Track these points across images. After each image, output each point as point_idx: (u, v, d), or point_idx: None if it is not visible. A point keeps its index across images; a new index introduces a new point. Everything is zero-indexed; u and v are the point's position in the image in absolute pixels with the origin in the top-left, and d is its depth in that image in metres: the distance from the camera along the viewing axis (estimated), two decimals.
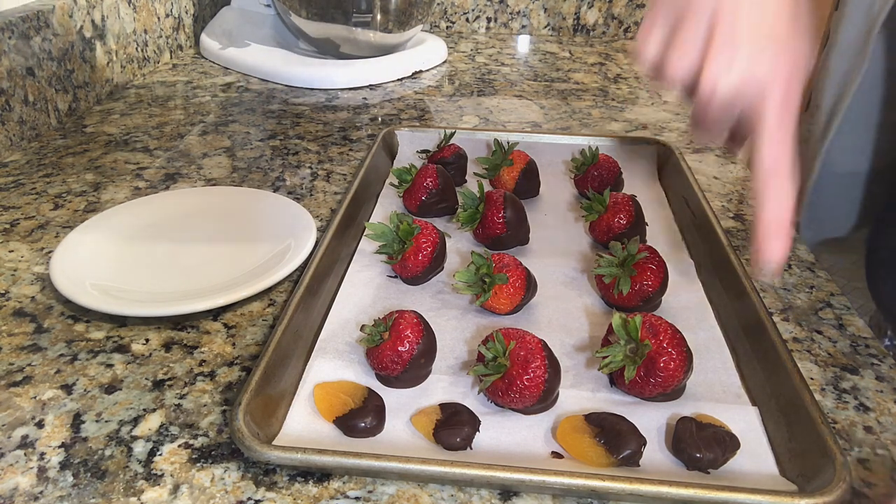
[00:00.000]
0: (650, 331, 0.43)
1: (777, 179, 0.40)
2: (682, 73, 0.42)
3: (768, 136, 0.41)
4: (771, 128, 0.41)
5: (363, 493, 0.38)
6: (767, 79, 0.40)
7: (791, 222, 0.41)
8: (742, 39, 0.40)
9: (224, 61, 1.09)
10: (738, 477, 0.39)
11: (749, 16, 0.41)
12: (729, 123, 0.45)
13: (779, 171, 0.40)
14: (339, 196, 0.70)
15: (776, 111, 0.40)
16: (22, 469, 0.39)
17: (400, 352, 0.43)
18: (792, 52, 0.41)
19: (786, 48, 0.41)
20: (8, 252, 0.59)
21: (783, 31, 0.41)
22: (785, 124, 0.41)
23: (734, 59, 0.40)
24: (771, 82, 0.40)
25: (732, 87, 0.41)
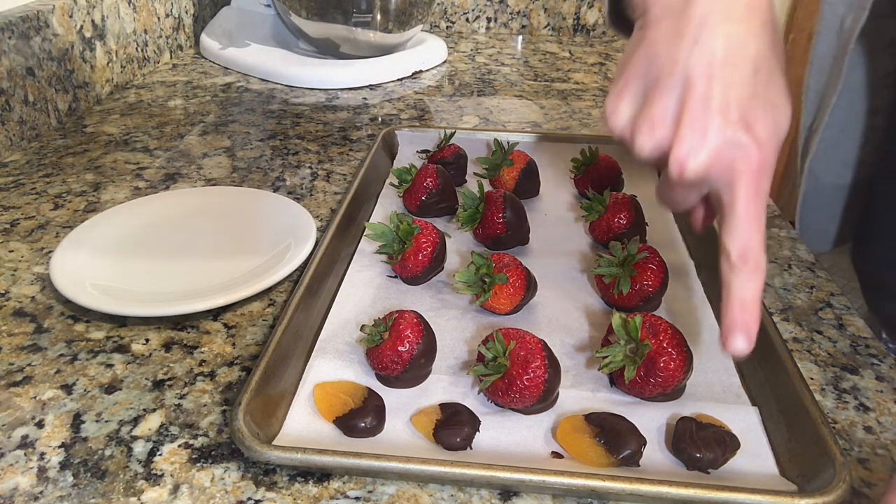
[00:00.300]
0: (650, 331, 0.43)
1: (746, 265, 0.38)
2: (650, 150, 0.39)
3: (738, 218, 0.38)
4: (741, 209, 0.38)
5: (363, 493, 0.38)
6: (740, 155, 0.37)
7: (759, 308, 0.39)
8: (715, 110, 0.37)
9: (224, 61, 1.09)
10: (738, 477, 0.39)
11: (723, 81, 0.38)
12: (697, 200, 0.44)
13: (747, 256, 0.38)
14: (339, 196, 0.70)
15: (748, 191, 0.38)
16: (22, 469, 0.39)
17: (400, 352, 0.43)
18: (770, 114, 0.38)
19: (764, 111, 0.38)
20: (8, 252, 0.59)
21: (761, 91, 0.38)
22: (757, 202, 0.38)
23: (705, 135, 0.37)
24: (744, 158, 0.37)
25: (702, 168, 0.38)
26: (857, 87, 0.65)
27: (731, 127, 0.37)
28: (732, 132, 0.37)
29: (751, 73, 0.38)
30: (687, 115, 0.38)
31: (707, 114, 0.37)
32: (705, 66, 0.38)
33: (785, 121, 0.39)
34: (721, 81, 0.37)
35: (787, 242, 0.64)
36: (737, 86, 0.38)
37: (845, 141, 0.68)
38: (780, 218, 0.68)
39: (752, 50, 0.38)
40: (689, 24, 0.38)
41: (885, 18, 0.61)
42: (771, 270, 0.59)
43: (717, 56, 0.37)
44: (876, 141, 0.68)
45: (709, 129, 0.37)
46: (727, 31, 0.38)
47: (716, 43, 0.38)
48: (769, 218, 0.68)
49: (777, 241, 0.64)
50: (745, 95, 0.38)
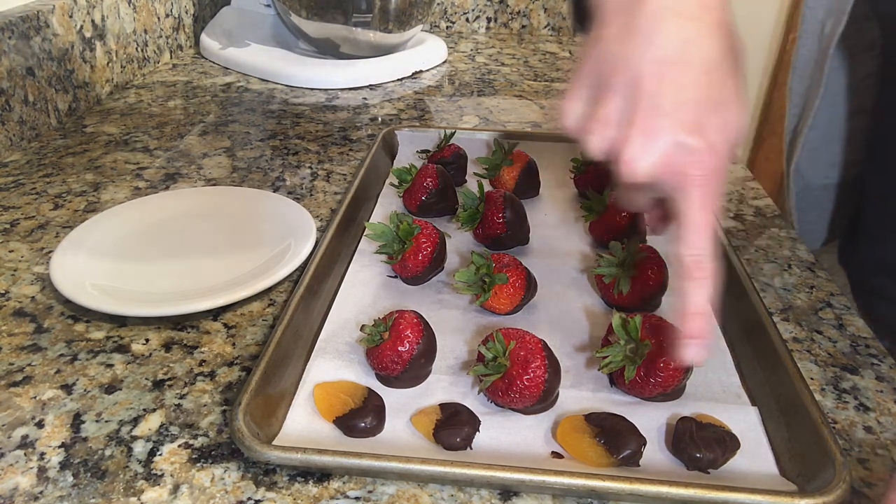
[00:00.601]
0: (650, 331, 0.43)
1: (699, 273, 0.37)
2: (601, 150, 0.39)
3: (690, 226, 0.37)
4: (692, 217, 0.37)
5: (363, 493, 0.38)
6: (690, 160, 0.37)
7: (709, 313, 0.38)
8: (665, 111, 0.36)
9: (224, 61, 1.09)
10: (738, 477, 0.39)
11: (674, 81, 0.36)
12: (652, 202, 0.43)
13: (700, 264, 0.37)
14: (339, 196, 0.70)
15: (698, 197, 0.37)
16: (22, 469, 0.39)
17: (400, 352, 0.43)
18: (722, 116, 0.37)
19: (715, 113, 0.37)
20: (8, 252, 0.59)
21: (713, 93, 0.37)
22: (707, 209, 0.37)
23: (654, 138, 0.36)
24: (694, 163, 0.36)
25: (650, 171, 0.37)
26: (840, 89, 0.65)
27: (681, 130, 0.36)
28: (682, 135, 0.36)
29: (702, 74, 0.37)
30: (636, 117, 0.37)
31: (656, 115, 0.36)
32: (656, 65, 0.36)
33: (736, 124, 0.38)
34: (671, 82, 0.36)
35: (787, 242, 0.64)
36: (688, 87, 0.36)
37: (830, 142, 0.68)
38: (780, 218, 0.68)
39: (704, 50, 0.37)
40: (640, 22, 0.37)
41: (866, 21, 0.62)
42: (771, 270, 0.59)
43: (668, 55, 0.36)
44: (860, 141, 0.68)
45: (658, 131, 0.36)
46: (679, 30, 0.36)
47: (667, 42, 0.36)
48: (769, 218, 0.68)
49: (777, 241, 0.64)
50: (697, 97, 0.37)
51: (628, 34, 0.37)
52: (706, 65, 0.37)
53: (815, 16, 0.63)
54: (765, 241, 0.64)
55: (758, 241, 0.64)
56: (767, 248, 0.63)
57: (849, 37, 0.62)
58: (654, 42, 0.37)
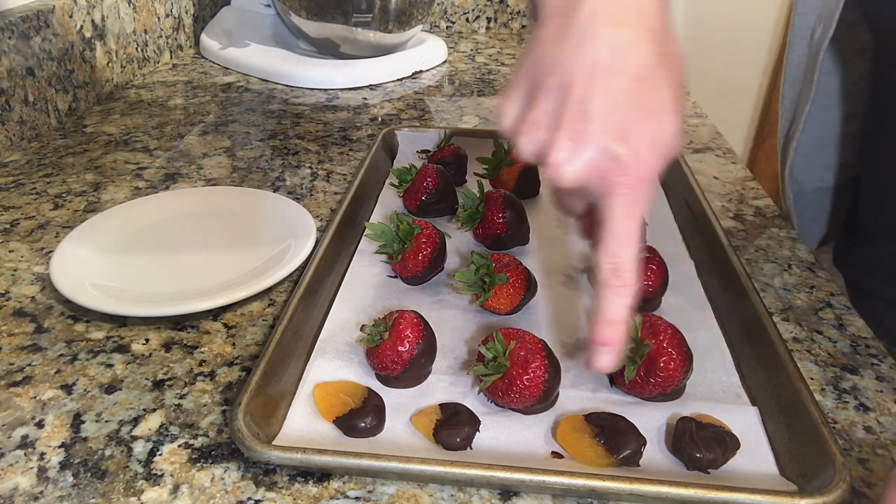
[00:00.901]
0: (650, 331, 0.43)
1: (616, 280, 0.37)
2: (531, 153, 0.38)
3: (611, 234, 0.37)
4: (614, 225, 0.37)
5: (363, 493, 0.38)
6: (614, 167, 0.36)
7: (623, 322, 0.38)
8: (592, 116, 0.36)
9: (224, 61, 1.09)
10: (738, 477, 0.39)
11: (604, 87, 0.36)
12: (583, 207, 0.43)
13: (618, 272, 0.37)
14: (339, 196, 0.70)
15: (622, 205, 0.37)
16: (22, 469, 0.39)
17: (400, 352, 0.43)
18: (651, 125, 0.37)
19: (645, 122, 0.36)
20: (8, 252, 0.59)
21: (643, 101, 0.36)
22: (631, 218, 0.37)
23: (581, 143, 0.36)
24: (618, 170, 0.36)
25: (576, 176, 0.37)
26: (833, 93, 0.66)
27: (607, 136, 0.36)
28: (609, 142, 0.36)
29: (633, 81, 0.36)
30: (564, 120, 0.36)
31: (584, 120, 0.36)
32: (587, 69, 0.36)
33: (668, 134, 0.37)
34: (601, 87, 0.36)
35: (787, 242, 0.64)
36: (617, 93, 0.36)
37: (824, 146, 0.68)
38: (780, 218, 0.68)
39: (636, 57, 0.36)
40: (574, 26, 0.37)
41: (857, 25, 0.62)
42: (771, 270, 0.59)
43: (599, 60, 0.36)
44: (854, 145, 0.68)
45: (585, 136, 0.36)
46: (612, 35, 0.36)
47: (599, 46, 0.36)
48: (769, 218, 0.68)
49: (777, 241, 0.64)
50: (626, 103, 0.36)
51: (562, 37, 0.37)
52: (638, 72, 0.36)
53: (805, 21, 0.64)
54: (765, 241, 0.64)
55: (758, 241, 0.64)
56: (767, 248, 0.63)
57: (840, 41, 0.63)
58: (586, 46, 0.36)
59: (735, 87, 1.47)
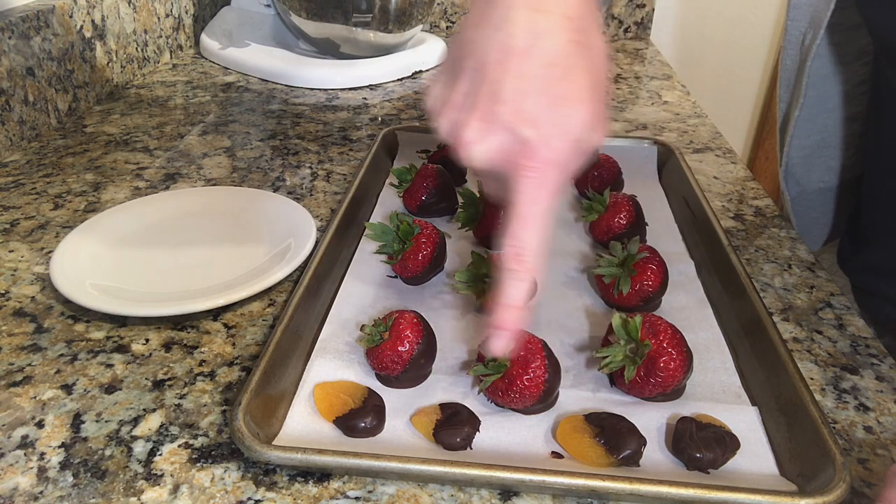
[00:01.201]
0: (650, 331, 0.43)
1: (518, 265, 0.37)
2: (447, 133, 0.39)
3: (517, 218, 0.37)
4: (520, 209, 0.37)
5: (363, 493, 0.38)
6: (522, 151, 0.36)
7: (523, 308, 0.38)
8: (503, 98, 0.36)
9: (224, 61, 1.09)
10: (738, 477, 0.39)
11: (516, 71, 0.36)
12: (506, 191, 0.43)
13: (520, 257, 0.37)
14: (339, 196, 0.70)
15: (529, 190, 0.36)
16: (22, 469, 0.39)
17: (400, 352, 0.43)
18: (561, 111, 0.36)
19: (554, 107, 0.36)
20: (8, 252, 0.59)
21: (554, 87, 0.36)
22: (538, 203, 0.37)
23: (491, 124, 0.36)
24: (525, 154, 0.36)
25: (484, 157, 0.37)
26: (834, 95, 0.66)
27: (516, 119, 0.36)
28: (516, 125, 0.36)
29: (545, 67, 0.36)
30: (478, 102, 0.37)
31: (495, 103, 0.36)
32: (502, 53, 0.36)
33: (578, 120, 0.37)
34: (514, 71, 0.36)
35: (786, 242, 0.64)
36: (529, 77, 0.36)
37: (826, 147, 0.69)
38: (780, 218, 0.68)
39: (551, 43, 0.36)
40: (494, 10, 0.37)
41: (857, 29, 0.62)
42: (771, 270, 0.59)
43: (514, 44, 0.36)
44: (856, 146, 0.69)
45: (494, 118, 0.36)
46: (528, 21, 0.36)
47: (514, 30, 0.36)
48: (769, 218, 0.68)
49: (777, 241, 0.64)
50: (537, 89, 0.36)
51: (482, 21, 0.38)
52: (551, 58, 0.36)
53: (798, 27, 0.64)
54: (765, 241, 0.64)
55: (758, 241, 0.64)
56: (767, 248, 0.63)
57: (841, 45, 0.63)
58: (502, 30, 0.37)
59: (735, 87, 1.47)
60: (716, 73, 1.46)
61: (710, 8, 1.40)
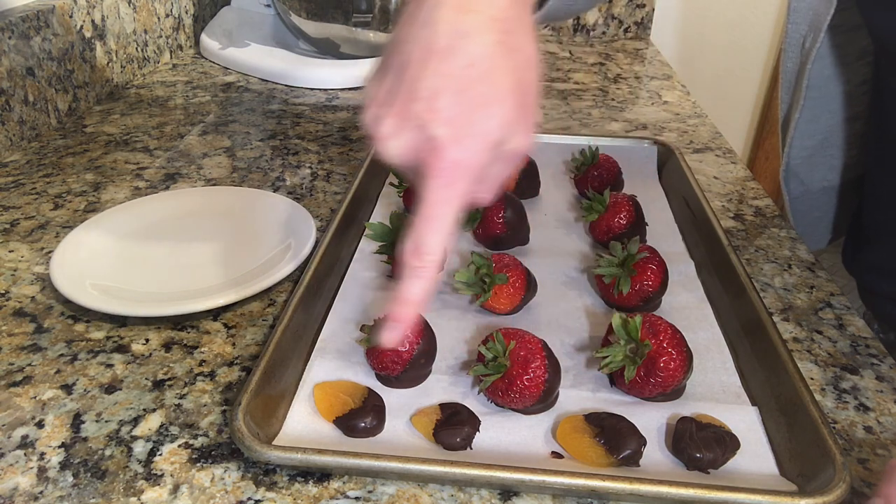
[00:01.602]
0: (650, 331, 0.43)
1: (416, 262, 0.37)
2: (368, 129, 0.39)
3: (420, 215, 0.37)
4: (425, 207, 0.37)
5: (363, 493, 0.38)
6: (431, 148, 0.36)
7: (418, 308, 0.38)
8: (420, 96, 0.36)
9: (224, 61, 1.09)
10: (738, 477, 0.39)
11: (435, 69, 0.36)
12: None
13: (419, 254, 0.37)
14: (339, 196, 0.70)
15: (435, 189, 0.36)
16: (22, 469, 0.39)
17: (400, 352, 0.43)
18: (477, 113, 0.36)
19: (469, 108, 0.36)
20: (8, 252, 0.59)
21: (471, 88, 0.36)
22: (443, 203, 0.36)
23: (405, 120, 0.36)
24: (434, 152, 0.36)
25: (398, 153, 0.37)
26: (836, 96, 0.66)
27: (429, 117, 0.36)
28: (428, 123, 0.36)
29: (465, 67, 0.36)
30: (396, 98, 0.37)
31: (410, 99, 0.36)
32: (423, 51, 0.36)
33: (496, 122, 0.36)
34: (432, 70, 0.36)
35: (787, 242, 0.64)
36: (447, 77, 0.36)
37: (828, 147, 0.69)
38: (780, 218, 0.68)
39: (473, 44, 0.36)
40: (421, 8, 0.37)
41: (858, 30, 0.63)
42: (771, 270, 0.59)
43: (435, 43, 0.36)
44: (858, 146, 0.69)
45: (409, 115, 0.37)
46: (452, 20, 0.36)
47: (438, 29, 0.36)
48: (769, 218, 0.68)
49: (777, 241, 0.64)
50: (451, 88, 0.36)
51: (410, 18, 0.38)
52: (472, 58, 0.36)
53: (798, 30, 0.64)
54: (765, 241, 0.64)
55: (758, 241, 0.64)
56: (767, 248, 0.63)
57: (842, 46, 0.63)
58: (426, 28, 0.37)
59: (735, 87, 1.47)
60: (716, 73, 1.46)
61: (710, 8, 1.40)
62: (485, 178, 0.39)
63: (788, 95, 0.69)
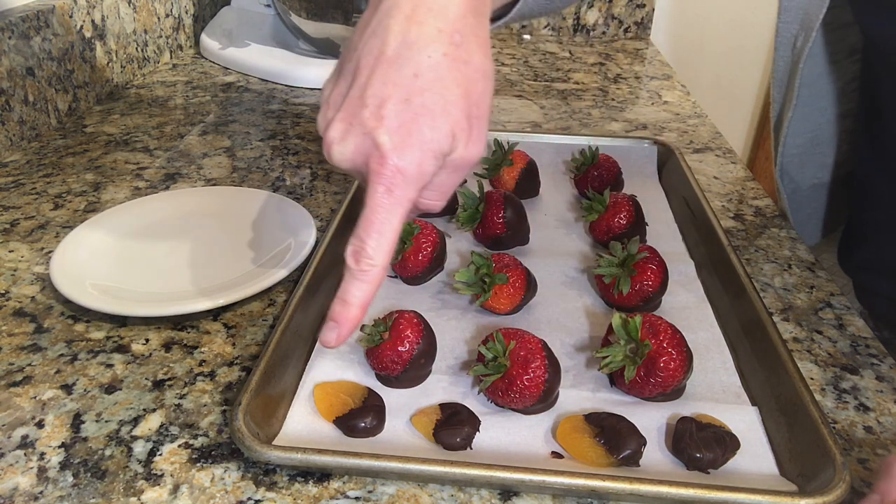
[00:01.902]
0: (650, 331, 0.43)
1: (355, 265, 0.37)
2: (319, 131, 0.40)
3: (362, 219, 0.37)
4: (366, 211, 0.37)
5: (363, 493, 0.38)
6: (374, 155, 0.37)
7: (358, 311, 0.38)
8: (367, 102, 0.37)
9: (224, 61, 1.09)
10: (738, 477, 0.39)
11: (382, 77, 0.37)
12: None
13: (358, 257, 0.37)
14: (339, 196, 0.70)
15: (376, 195, 0.37)
16: (22, 469, 0.39)
17: (400, 352, 0.43)
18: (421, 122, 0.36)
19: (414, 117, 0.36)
20: (8, 252, 0.59)
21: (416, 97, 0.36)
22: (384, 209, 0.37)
23: (351, 126, 0.37)
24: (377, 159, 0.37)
25: (342, 157, 0.38)
26: (826, 93, 0.67)
27: (374, 123, 0.37)
28: (373, 129, 0.37)
29: (412, 77, 0.37)
30: (345, 103, 0.38)
31: (359, 105, 0.37)
32: (372, 58, 0.37)
33: (438, 133, 0.37)
34: (380, 77, 0.37)
35: (787, 242, 0.64)
36: (392, 85, 0.37)
37: (819, 144, 0.69)
38: (780, 218, 0.68)
39: (418, 53, 0.37)
40: (374, 16, 0.38)
41: (848, 27, 0.63)
42: (771, 270, 0.59)
43: (384, 51, 0.37)
44: (849, 143, 0.69)
45: (355, 120, 0.37)
46: (401, 30, 0.37)
47: (388, 38, 0.37)
48: (769, 218, 0.68)
49: (777, 241, 0.64)
50: (397, 97, 0.37)
51: (364, 26, 0.39)
52: (418, 69, 0.37)
53: (789, 29, 0.65)
54: (765, 241, 0.64)
55: (758, 241, 0.64)
56: (767, 248, 0.63)
57: (832, 43, 0.63)
58: (377, 37, 0.38)
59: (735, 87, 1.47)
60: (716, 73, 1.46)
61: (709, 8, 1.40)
62: (433, 186, 0.39)
63: (781, 94, 0.69)
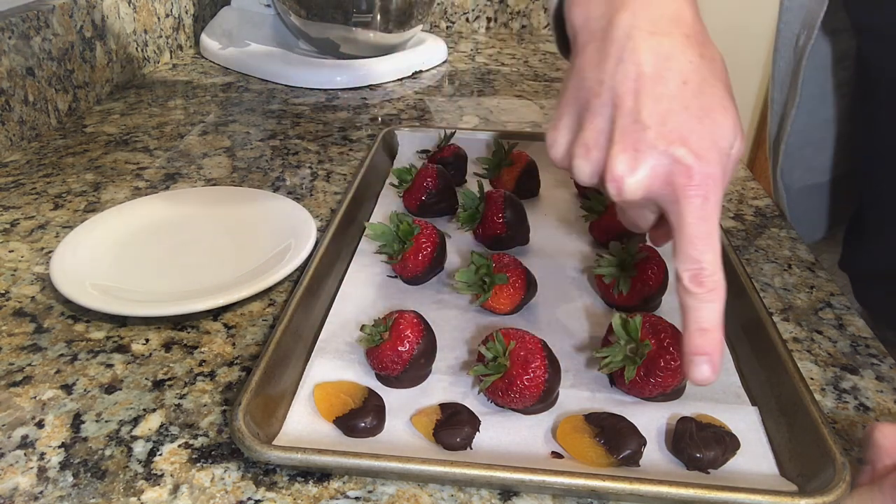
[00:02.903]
0: (650, 331, 0.43)
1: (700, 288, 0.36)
2: (589, 175, 0.38)
3: (686, 239, 0.36)
4: (688, 229, 0.36)
5: (363, 493, 0.38)
6: (678, 170, 0.36)
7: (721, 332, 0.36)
8: (646, 124, 0.36)
9: (224, 61, 1.09)
10: (738, 477, 0.39)
11: (651, 95, 0.36)
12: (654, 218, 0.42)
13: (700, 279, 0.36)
14: (339, 196, 0.70)
15: (693, 207, 0.36)
16: (22, 469, 0.39)
17: (400, 352, 0.43)
18: (705, 124, 0.36)
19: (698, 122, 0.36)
20: (8, 252, 0.59)
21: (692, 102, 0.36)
22: (705, 219, 0.36)
23: (638, 151, 0.36)
24: (682, 172, 0.36)
25: (639, 186, 0.36)
26: (819, 97, 0.67)
27: (664, 141, 0.36)
28: (666, 146, 0.36)
29: (679, 86, 0.36)
30: (618, 134, 0.37)
31: (638, 130, 0.36)
32: (631, 82, 0.37)
33: (726, 129, 0.37)
34: (649, 96, 0.36)
35: (787, 242, 0.64)
36: (665, 99, 0.36)
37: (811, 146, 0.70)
38: (780, 218, 0.68)
39: (678, 62, 0.37)
40: (612, 45, 0.37)
41: (841, 33, 0.63)
42: (771, 270, 0.59)
43: (642, 71, 0.37)
44: (845, 143, 0.69)
45: (642, 145, 0.36)
46: (651, 46, 0.37)
47: (641, 58, 0.37)
48: (769, 218, 0.68)
49: (777, 241, 0.64)
50: (676, 108, 0.36)
51: (602, 58, 0.38)
52: (682, 76, 0.37)
53: (791, 29, 0.65)
54: (765, 241, 0.64)
55: (758, 241, 0.64)
56: (767, 248, 0.63)
57: (831, 43, 0.63)
58: (627, 61, 0.37)
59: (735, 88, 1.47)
60: None
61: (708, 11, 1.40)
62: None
63: (782, 95, 0.69)
